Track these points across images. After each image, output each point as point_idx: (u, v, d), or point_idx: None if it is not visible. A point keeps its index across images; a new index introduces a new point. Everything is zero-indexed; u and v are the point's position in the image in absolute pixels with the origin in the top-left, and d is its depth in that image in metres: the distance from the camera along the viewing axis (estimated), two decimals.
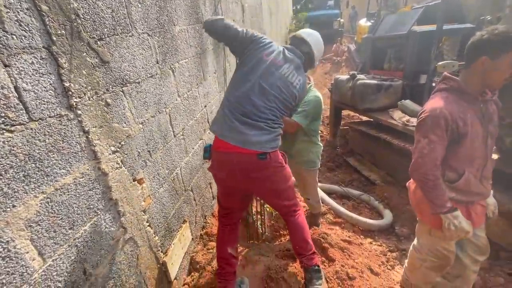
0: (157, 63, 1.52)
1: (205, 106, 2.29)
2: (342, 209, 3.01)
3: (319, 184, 3.66)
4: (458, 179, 1.37)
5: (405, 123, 3.21)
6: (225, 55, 2.76)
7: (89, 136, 1.02)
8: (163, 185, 1.58)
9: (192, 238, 1.97)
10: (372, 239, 2.69)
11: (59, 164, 0.90)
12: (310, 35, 1.68)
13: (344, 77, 4.29)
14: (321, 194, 3.30)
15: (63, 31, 0.91)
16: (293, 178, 1.68)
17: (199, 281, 1.78)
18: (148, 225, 1.41)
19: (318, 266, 1.66)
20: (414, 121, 3.20)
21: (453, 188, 1.38)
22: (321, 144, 2.27)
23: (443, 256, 1.53)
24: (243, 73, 1.46)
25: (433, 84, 2.84)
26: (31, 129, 0.81)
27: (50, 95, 0.87)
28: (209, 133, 2.38)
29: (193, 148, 2.02)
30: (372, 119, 4.10)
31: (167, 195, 1.62)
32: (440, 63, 2.80)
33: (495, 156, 2.23)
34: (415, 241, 1.73)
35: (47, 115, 0.86)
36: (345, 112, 6.07)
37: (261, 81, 1.40)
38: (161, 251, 1.53)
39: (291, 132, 1.98)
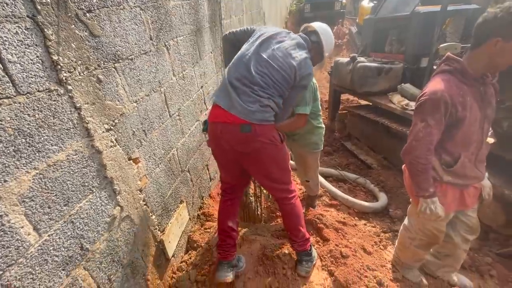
0: (151, 39, 1.47)
1: (202, 86, 2.25)
2: (338, 191, 3.04)
3: None
4: (454, 163, 1.37)
5: (404, 107, 3.18)
6: (222, 34, 2.67)
7: (81, 113, 1.00)
8: (159, 165, 1.58)
9: (190, 218, 1.99)
10: (366, 220, 2.75)
11: (50, 140, 0.89)
12: (321, 27, 1.67)
13: (344, 59, 4.21)
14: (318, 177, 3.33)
15: (48, 0, 0.86)
16: (291, 162, 1.66)
17: (196, 259, 1.82)
18: (145, 204, 1.42)
19: (310, 250, 1.70)
20: (413, 105, 3.18)
21: (449, 172, 1.38)
22: (324, 126, 2.24)
23: (432, 235, 1.58)
24: (246, 46, 1.46)
25: (434, 67, 2.78)
26: (19, 103, 0.79)
27: (37, 68, 0.84)
28: (205, 114, 2.35)
29: (189, 129, 2.00)
30: (371, 103, 4.07)
31: (163, 175, 1.62)
32: (442, 45, 2.74)
33: (491, 140, 2.23)
34: (405, 221, 1.77)
35: (36, 89, 0.84)
36: (344, 97, 6.02)
37: (259, 50, 1.39)
38: (159, 230, 1.55)
39: (303, 125, 1.92)
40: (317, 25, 1.67)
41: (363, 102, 4.56)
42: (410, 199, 1.66)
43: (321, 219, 2.17)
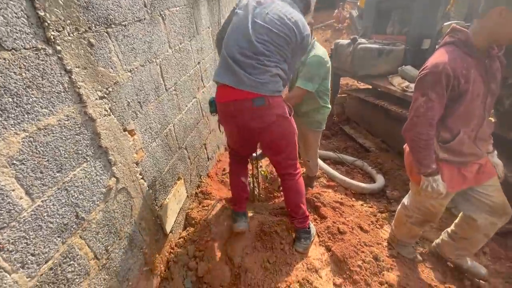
0: (145, 6, 1.39)
1: (199, 62, 2.18)
2: (335, 173, 3.05)
3: None
4: (451, 140, 1.34)
5: (404, 89, 3.14)
6: (219, 9, 2.57)
7: (72, 77, 0.95)
8: (156, 140, 1.54)
9: (187, 196, 1.98)
10: (363, 201, 2.77)
11: (40, 102, 0.84)
12: None
13: (345, 41, 4.11)
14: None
15: None
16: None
17: (194, 235, 1.83)
18: (142, 178, 1.40)
19: (309, 228, 1.71)
20: (413, 86, 3.14)
21: (445, 149, 1.36)
22: (330, 107, 2.20)
23: (429, 213, 1.58)
24: (237, 17, 1.39)
25: (437, 46, 2.72)
26: (4, 59, 0.74)
27: (22, 23, 0.78)
28: (203, 92, 2.30)
29: (186, 106, 1.95)
30: (370, 86, 4.02)
31: (160, 150, 1.59)
32: (446, 23, 2.67)
33: (491, 120, 2.22)
34: (404, 199, 1.77)
35: (21, 46, 0.78)
36: (343, 81, 5.95)
37: (253, 17, 1.33)
38: (156, 205, 1.54)
39: (298, 101, 1.90)
40: None
41: (363, 86, 4.51)
42: (410, 179, 1.65)
43: (319, 197, 2.18)
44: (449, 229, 1.74)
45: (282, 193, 2.66)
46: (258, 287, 1.49)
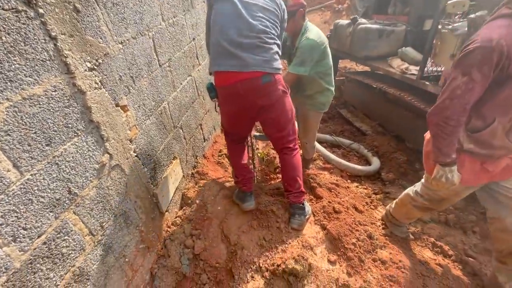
0: None
1: (194, 39, 2.09)
2: (331, 155, 3.06)
3: None
4: (483, 129, 1.16)
5: (404, 70, 3.10)
6: None
7: (58, 44, 0.89)
8: (150, 118, 1.50)
9: (184, 176, 1.97)
10: (358, 183, 2.80)
11: (24, 70, 0.79)
12: None
13: (345, 22, 3.99)
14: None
15: None
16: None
17: (191, 214, 1.83)
18: (136, 156, 1.37)
19: (303, 204, 1.73)
20: (413, 69, 3.09)
21: (473, 139, 1.20)
22: (333, 89, 2.15)
23: (440, 202, 1.49)
24: (221, 6, 1.39)
25: (439, 27, 2.65)
26: None
27: None
28: (199, 70, 2.22)
29: (181, 84, 1.89)
30: (369, 69, 3.96)
31: (154, 128, 1.55)
32: (450, 1, 2.59)
33: None
34: (417, 186, 1.64)
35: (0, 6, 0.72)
36: (342, 64, 5.85)
37: (240, 15, 1.35)
38: (151, 183, 1.52)
39: (290, 84, 1.87)
40: None
41: (361, 69, 4.44)
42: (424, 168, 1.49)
43: (315, 178, 2.19)
44: (493, 257, 1.54)
45: (278, 174, 2.68)
46: (253, 264, 1.51)
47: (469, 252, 1.87)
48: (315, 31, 1.89)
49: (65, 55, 0.91)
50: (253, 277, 1.48)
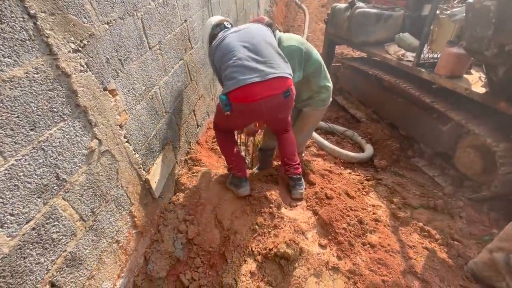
0: None
1: (185, 20, 2.01)
2: (325, 142, 3.07)
3: None
4: None
5: (400, 57, 3.07)
6: None
7: (38, 23, 0.84)
8: (140, 102, 1.46)
9: (177, 162, 1.96)
10: (351, 170, 2.83)
11: (1, 50, 0.75)
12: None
13: (342, 5, 3.89)
14: None
15: None
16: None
17: (184, 200, 1.84)
18: (126, 141, 1.34)
19: (301, 175, 1.88)
20: (409, 55, 3.06)
21: None
22: (330, 84, 2.03)
23: None
24: (230, 34, 1.58)
25: (437, 12, 2.61)
26: None
27: None
28: (191, 54, 2.16)
29: (172, 68, 1.84)
30: (366, 55, 3.90)
31: (145, 114, 1.52)
32: None
33: (482, 90, 2.22)
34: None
35: None
36: (338, 50, 5.75)
37: (245, 44, 1.50)
38: (143, 169, 1.51)
39: None
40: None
41: (358, 56, 4.38)
42: None
43: (308, 165, 2.20)
44: None
45: (279, 146, 2.66)
46: (246, 248, 1.54)
47: (455, 236, 1.94)
48: (286, 37, 1.87)
49: (46, 35, 0.87)
50: (245, 260, 1.51)
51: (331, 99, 2.12)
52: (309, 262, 1.49)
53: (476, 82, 2.37)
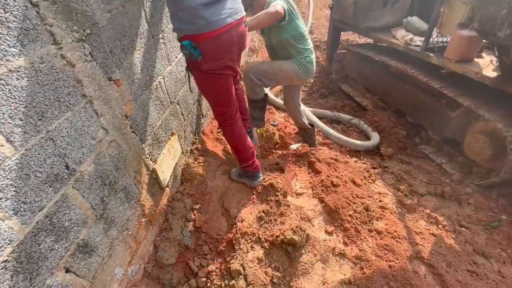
0: None
1: None
2: (331, 130, 3.04)
3: (309, 108, 3.62)
4: None
5: (408, 42, 2.98)
6: None
7: (41, 12, 0.84)
8: (145, 92, 1.46)
9: (183, 152, 1.97)
10: (357, 158, 2.82)
11: (7, 40, 0.75)
12: None
13: None
14: (312, 117, 3.29)
15: None
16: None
17: (191, 190, 1.86)
18: (133, 131, 1.35)
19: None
20: (417, 40, 2.97)
21: None
22: (311, 54, 2.04)
23: None
24: None
25: None
26: None
27: None
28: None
29: (176, 57, 1.82)
30: (372, 41, 3.80)
31: (151, 104, 1.52)
32: None
33: (493, 74, 2.15)
34: None
35: None
36: (344, 37, 5.62)
37: None
38: (150, 159, 1.52)
39: (273, 20, 1.75)
40: None
41: (364, 42, 4.27)
42: None
43: (314, 153, 2.19)
44: None
45: (278, 150, 2.68)
46: (253, 235, 1.56)
47: (462, 222, 1.93)
48: None
49: (49, 23, 0.86)
50: (252, 247, 1.53)
51: (309, 72, 2.08)
52: (316, 248, 1.51)
53: (487, 65, 2.30)
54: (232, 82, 1.59)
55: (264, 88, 2.08)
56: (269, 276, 1.41)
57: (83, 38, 1.01)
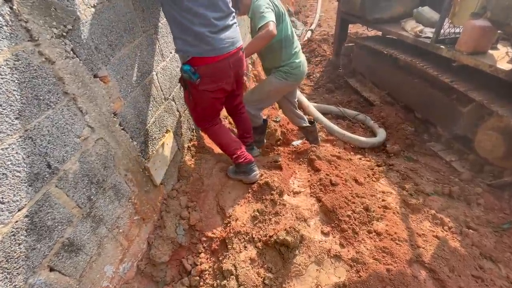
0: None
1: None
2: (334, 127, 2.96)
3: (314, 104, 3.54)
4: None
5: (418, 33, 2.83)
6: None
7: (14, 7, 0.81)
8: (136, 89, 1.44)
9: (179, 149, 1.95)
10: (361, 155, 2.73)
11: None
12: None
13: None
14: (315, 113, 3.20)
15: None
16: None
17: (187, 187, 1.84)
18: (122, 129, 1.33)
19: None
20: (428, 31, 2.82)
21: None
22: (297, 59, 2.09)
23: None
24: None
25: None
26: None
27: None
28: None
29: (170, 53, 1.79)
30: (380, 33, 3.65)
31: (142, 101, 1.50)
32: None
33: (508, 66, 2.00)
34: None
35: None
36: (352, 30, 5.44)
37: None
38: (142, 157, 1.50)
39: (267, 42, 1.76)
40: None
41: (373, 35, 4.10)
42: None
43: (315, 151, 2.13)
44: None
45: (279, 147, 2.63)
46: (247, 234, 1.53)
47: (470, 224, 1.83)
48: None
49: (24, 19, 0.84)
50: (246, 247, 1.50)
51: (296, 78, 2.14)
52: (310, 249, 1.46)
53: (502, 58, 2.15)
54: (222, 99, 1.71)
55: (262, 116, 2.38)
56: (261, 277, 1.38)
57: (64, 34, 0.99)
